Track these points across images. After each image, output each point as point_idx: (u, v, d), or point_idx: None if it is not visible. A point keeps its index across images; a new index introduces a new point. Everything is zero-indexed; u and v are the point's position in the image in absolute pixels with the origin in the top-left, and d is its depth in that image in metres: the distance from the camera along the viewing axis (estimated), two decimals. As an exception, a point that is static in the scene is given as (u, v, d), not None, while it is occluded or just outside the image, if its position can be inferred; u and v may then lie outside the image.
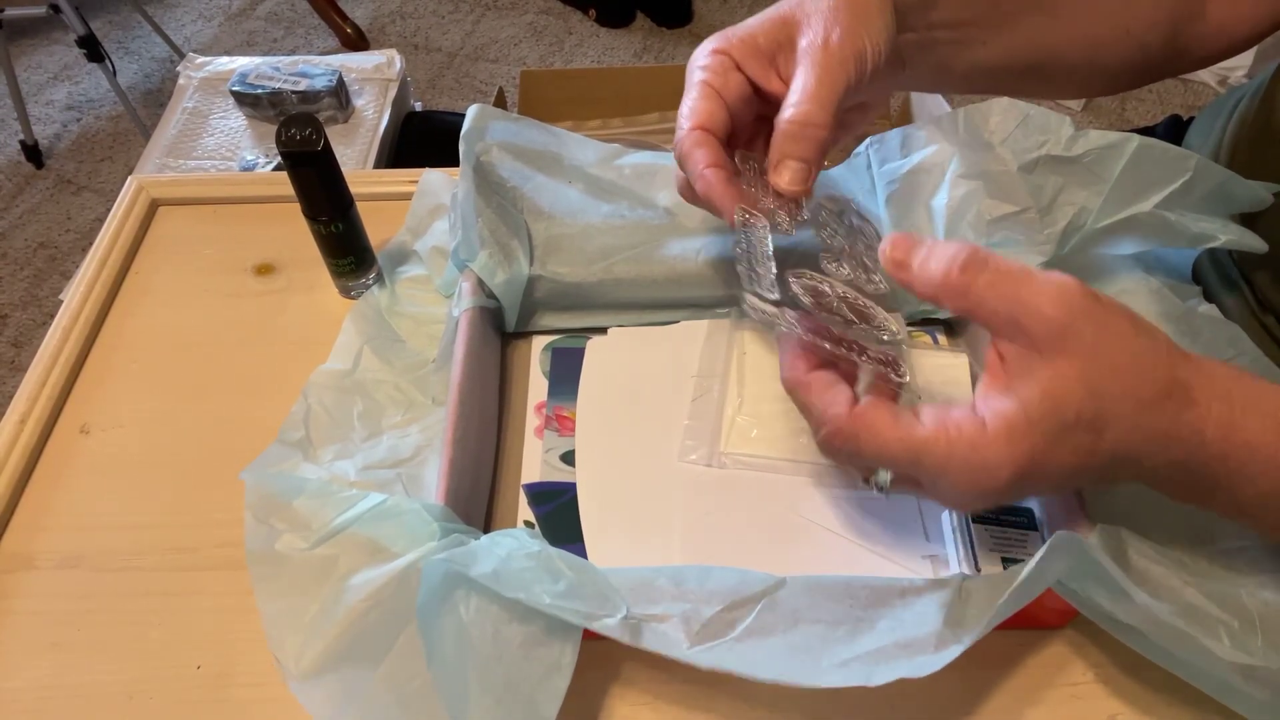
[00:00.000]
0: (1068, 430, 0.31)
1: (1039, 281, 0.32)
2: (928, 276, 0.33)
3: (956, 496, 0.33)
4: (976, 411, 0.32)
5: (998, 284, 0.32)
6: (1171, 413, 0.32)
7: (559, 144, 0.53)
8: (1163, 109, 1.84)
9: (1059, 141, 0.46)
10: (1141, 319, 0.33)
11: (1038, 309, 0.31)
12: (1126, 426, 0.31)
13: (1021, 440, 0.31)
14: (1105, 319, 0.32)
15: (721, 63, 0.40)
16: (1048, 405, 0.31)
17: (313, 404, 0.46)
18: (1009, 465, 0.31)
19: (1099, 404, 0.31)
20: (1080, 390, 0.31)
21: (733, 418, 0.46)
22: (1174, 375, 0.32)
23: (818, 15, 0.38)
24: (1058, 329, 0.31)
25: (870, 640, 0.34)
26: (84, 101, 1.94)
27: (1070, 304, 0.31)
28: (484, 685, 0.34)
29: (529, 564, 0.34)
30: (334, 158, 0.47)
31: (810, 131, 0.37)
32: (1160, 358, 0.32)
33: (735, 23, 0.41)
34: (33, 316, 1.56)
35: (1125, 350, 0.31)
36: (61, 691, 0.40)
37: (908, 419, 0.33)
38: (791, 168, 0.37)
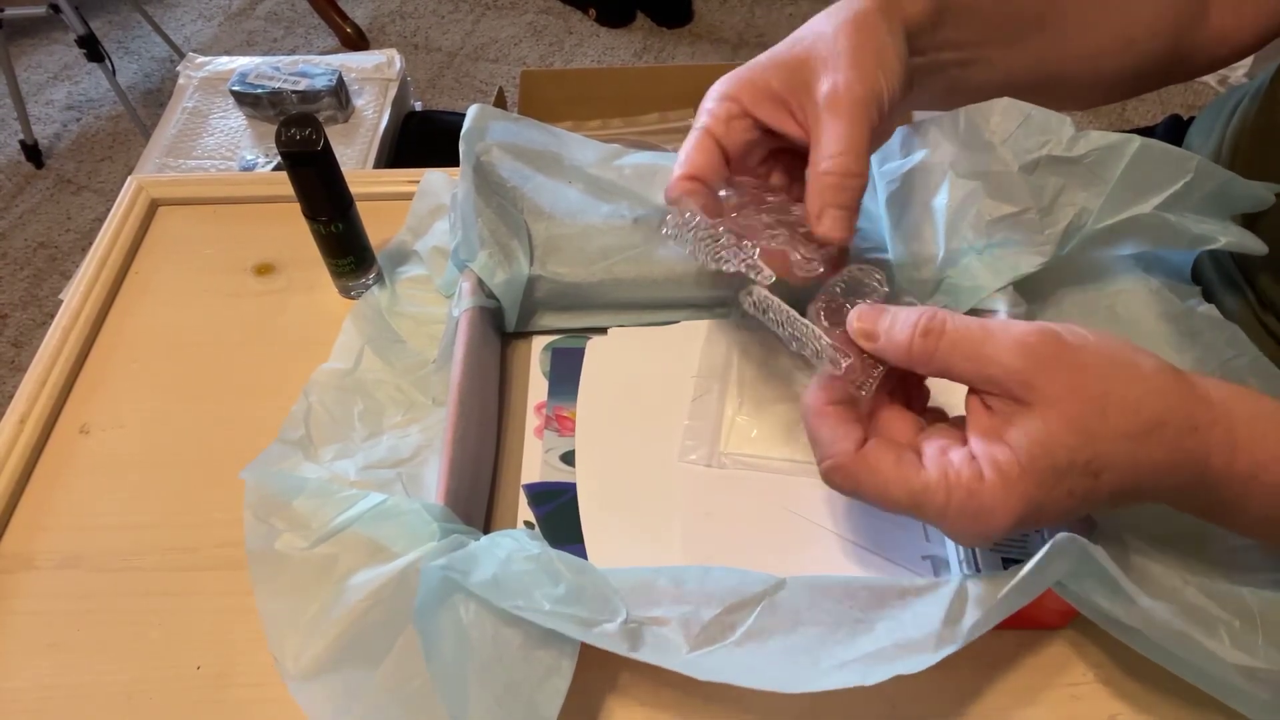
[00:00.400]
0: (1062, 475, 0.31)
1: (999, 336, 0.32)
2: (894, 345, 0.34)
3: (956, 537, 0.33)
4: (973, 454, 0.32)
5: (959, 345, 0.32)
6: (1169, 441, 0.31)
7: (559, 144, 0.53)
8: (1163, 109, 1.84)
9: (1060, 142, 0.46)
10: (1124, 345, 0.33)
11: (1002, 364, 0.31)
12: (1124, 465, 0.31)
13: (1017, 487, 0.31)
14: (1076, 359, 0.31)
15: (728, 109, 0.40)
16: (1038, 452, 0.30)
17: (313, 403, 0.46)
18: (1006, 513, 0.31)
19: (1092, 446, 0.30)
20: (1068, 435, 0.30)
21: (733, 418, 0.46)
22: (1167, 403, 0.31)
23: (834, 59, 0.38)
24: (1027, 380, 0.31)
25: (869, 642, 0.34)
26: (84, 101, 1.94)
27: (1034, 353, 0.31)
28: (484, 686, 0.34)
29: (528, 566, 0.34)
30: (334, 158, 0.47)
31: (849, 182, 0.38)
32: (1150, 386, 0.31)
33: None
34: (33, 316, 1.56)
35: (1107, 387, 0.31)
36: (61, 691, 0.40)
37: (910, 462, 0.33)
38: (834, 216, 0.38)
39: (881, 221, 0.52)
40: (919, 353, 0.33)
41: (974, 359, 0.32)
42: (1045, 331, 0.32)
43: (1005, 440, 0.31)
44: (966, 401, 0.34)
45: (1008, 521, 0.31)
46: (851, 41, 0.38)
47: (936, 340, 0.33)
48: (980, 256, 0.47)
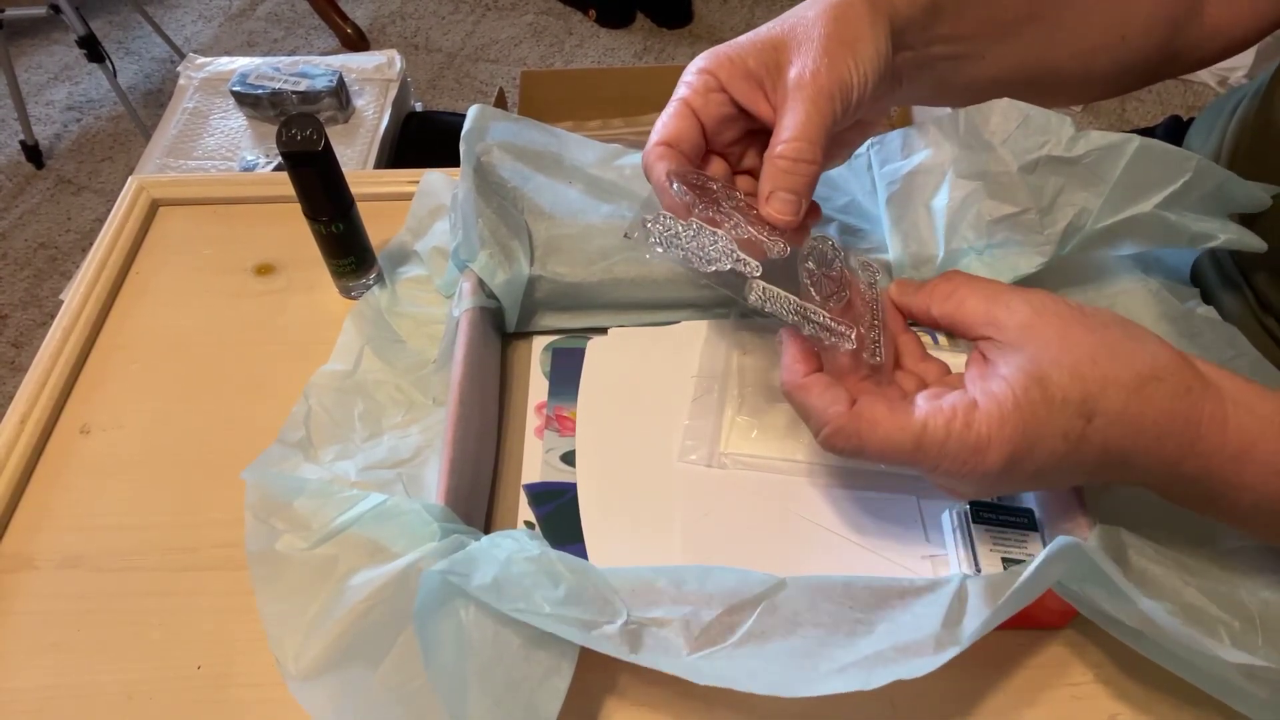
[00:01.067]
0: (1054, 409, 0.32)
1: (1007, 288, 0.37)
2: (922, 289, 0.38)
3: (954, 480, 0.34)
4: (967, 392, 0.34)
5: (974, 284, 0.37)
6: (1163, 397, 0.32)
7: (559, 144, 0.53)
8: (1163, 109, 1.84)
9: (1059, 142, 0.46)
10: (1123, 318, 0.35)
11: (1008, 304, 0.35)
12: (1116, 412, 0.32)
13: (1010, 415, 0.32)
14: (1074, 314, 0.34)
15: (705, 82, 0.40)
16: (1030, 381, 0.32)
17: (313, 404, 0.46)
18: (1000, 443, 0.32)
19: (1083, 386, 0.32)
20: (1061, 372, 0.32)
21: (733, 418, 0.46)
22: (1161, 361, 0.33)
23: (808, 44, 0.39)
24: (1027, 320, 0.34)
25: (868, 644, 0.34)
26: (84, 102, 1.94)
27: (1036, 302, 0.35)
28: (484, 687, 0.34)
29: (528, 568, 0.34)
30: (334, 158, 0.47)
31: (800, 167, 0.38)
32: (1144, 346, 0.34)
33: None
34: (33, 316, 1.56)
35: (1099, 338, 0.33)
36: (61, 691, 0.40)
37: (904, 408, 0.34)
38: (782, 199, 0.38)
39: (881, 222, 0.52)
40: (941, 287, 0.38)
41: (986, 297, 0.36)
42: (1048, 292, 0.36)
43: (998, 375, 0.33)
44: (968, 360, 0.36)
45: (1002, 453, 0.32)
46: (828, 29, 0.38)
47: (954, 279, 0.38)
48: (980, 257, 0.47)
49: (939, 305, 0.37)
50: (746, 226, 0.39)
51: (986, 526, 0.41)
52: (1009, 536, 0.41)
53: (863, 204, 0.54)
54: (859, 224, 0.53)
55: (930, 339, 0.50)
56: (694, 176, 0.40)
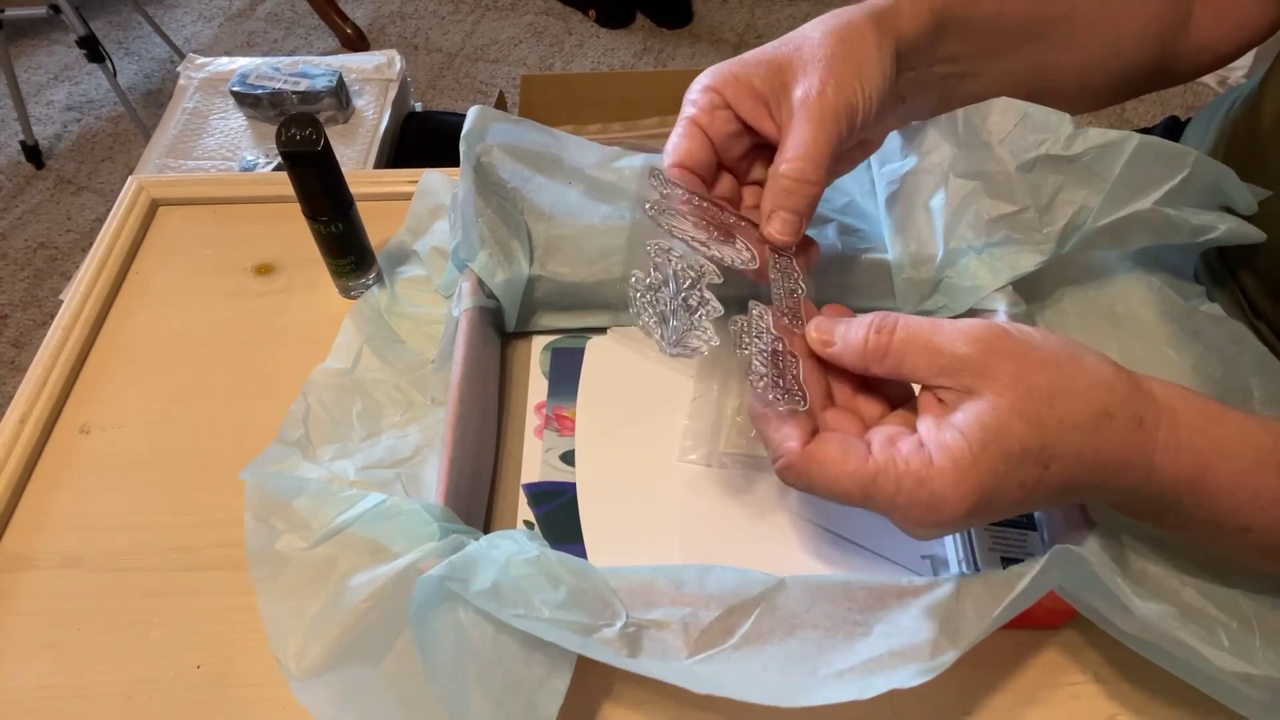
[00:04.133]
0: (1012, 462, 0.31)
1: (947, 329, 0.33)
2: (850, 346, 0.35)
3: (909, 527, 0.33)
4: (922, 442, 0.32)
5: (911, 339, 0.34)
6: (1117, 434, 0.31)
7: (559, 145, 0.53)
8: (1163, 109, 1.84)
9: (1058, 140, 0.46)
10: (1069, 341, 0.33)
11: (953, 353, 0.32)
12: (1072, 456, 0.31)
13: (968, 473, 0.31)
14: (1023, 350, 0.32)
15: (711, 100, 0.40)
16: (988, 437, 0.31)
17: (312, 403, 0.46)
18: (957, 501, 0.31)
19: (1042, 435, 0.31)
20: (1018, 423, 0.31)
21: (732, 417, 0.46)
22: (1113, 395, 0.32)
23: (814, 65, 0.39)
24: (978, 367, 0.32)
25: (866, 648, 0.34)
26: (84, 102, 1.94)
27: (983, 342, 0.32)
28: (484, 687, 0.34)
29: (528, 570, 0.34)
30: (334, 158, 0.47)
31: (802, 188, 0.38)
32: (1095, 379, 0.32)
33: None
34: (33, 316, 1.56)
35: (1052, 376, 0.32)
36: (61, 691, 0.40)
37: (858, 451, 0.33)
38: (783, 218, 0.39)
39: (881, 222, 0.52)
40: (874, 348, 0.34)
41: (926, 350, 0.33)
42: (991, 325, 0.33)
43: (957, 428, 0.31)
44: (919, 399, 0.35)
45: (960, 510, 0.31)
46: (835, 50, 0.39)
47: (890, 335, 0.34)
48: (979, 256, 0.47)
49: (877, 366, 0.35)
50: (739, 233, 0.39)
51: (986, 527, 0.41)
52: (1008, 536, 0.41)
53: (861, 204, 0.54)
54: (858, 224, 0.53)
55: None
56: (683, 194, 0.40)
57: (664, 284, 0.39)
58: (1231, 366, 0.46)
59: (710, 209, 0.40)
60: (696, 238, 0.39)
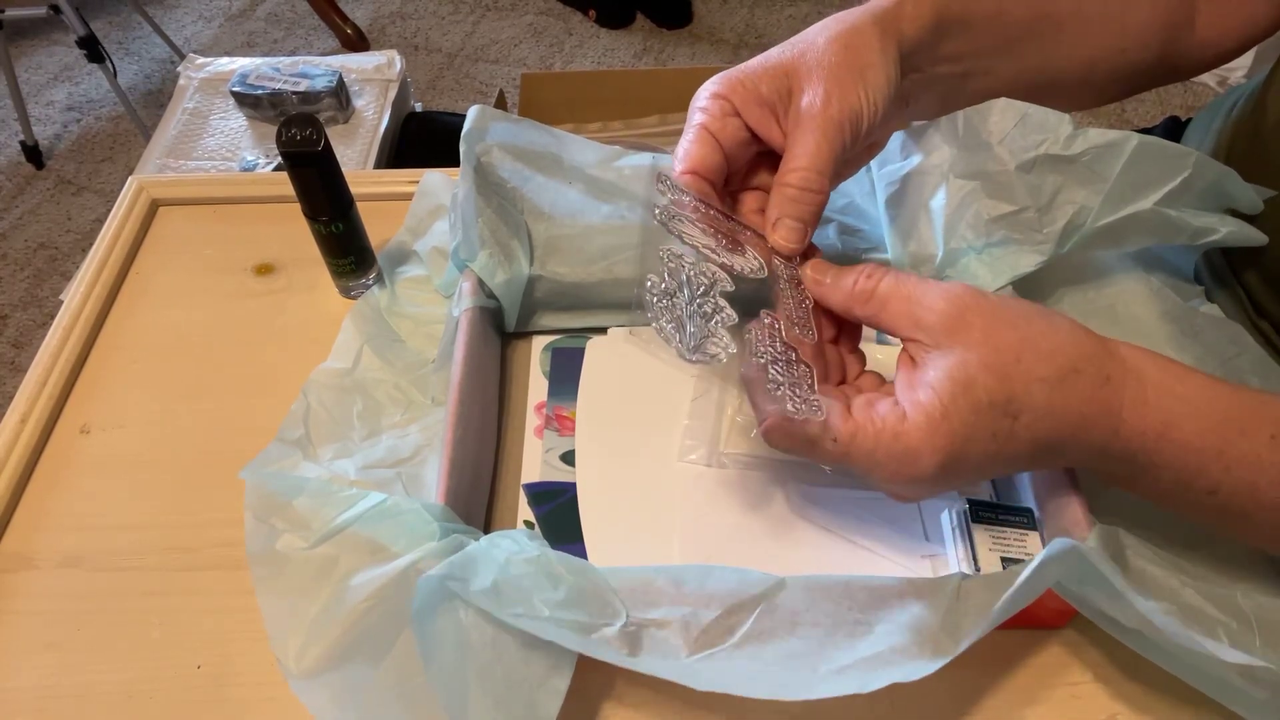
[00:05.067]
0: (981, 414, 0.32)
1: (931, 284, 0.36)
2: (840, 286, 0.38)
3: (889, 486, 0.35)
4: (897, 401, 0.34)
5: (896, 288, 0.36)
6: (1084, 389, 0.33)
7: (559, 145, 0.53)
8: (1163, 110, 1.84)
9: (1057, 140, 0.46)
10: (1041, 307, 0.35)
11: (930, 306, 0.35)
12: (1041, 408, 0.33)
13: (939, 424, 0.32)
14: (996, 310, 0.34)
15: (721, 107, 0.40)
16: (956, 389, 0.33)
17: (312, 402, 0.46)
18: (931, 453, 0.33)
19: (1008, 387, 0.33)
20: (985, 375, 0.33)
21: (732, 417, 0.46)
22: (1081, 352, 0.34)
23: (818, 72, 0.39)
24: (950, 322, 0.34)
25: (867, 645, 0.34)
26: (84, 102, 1.94)
27: (958, 300, 0.35)
28: (484, 687, 0.34)
29: (528, 570, 0.34)
30: (334, 158, 0.47)
31: (808, 196, 0.38)
32: (1064, 338, 0.34)
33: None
34: (33, 316, 1.56)
35: (1021, 334, 0.34)
36: (61, 691, 0.40)
37: (837, 412, 0.34)
38: (789, 226, 0.39)
39: (881, 222, 0.52)
40: (860, 290, 0.37)
41: (906, 300, 0.35)
42: (969, 287, 0.36)
43: (926, 383, 0.33)
44: (898, 360, 0.36)
45: (934, 461, 0.33)
46: (839, 57, 0.39)
47: (877, 281, 0.36)
48: (979, 256, 0.47)
49: (860, 308, 0.37)
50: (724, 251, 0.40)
51: (985, 526, 0.41)
52: (1008, 536, 0.41)
53: (861, 205, 0.54)
54: (858, 224, 0.53)
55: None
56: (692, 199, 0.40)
57: (678, 290, 0.39)
58: (1230, 367, 0.46)
59: (717, 217, 0.40)
60: (706, 245, 0.39)
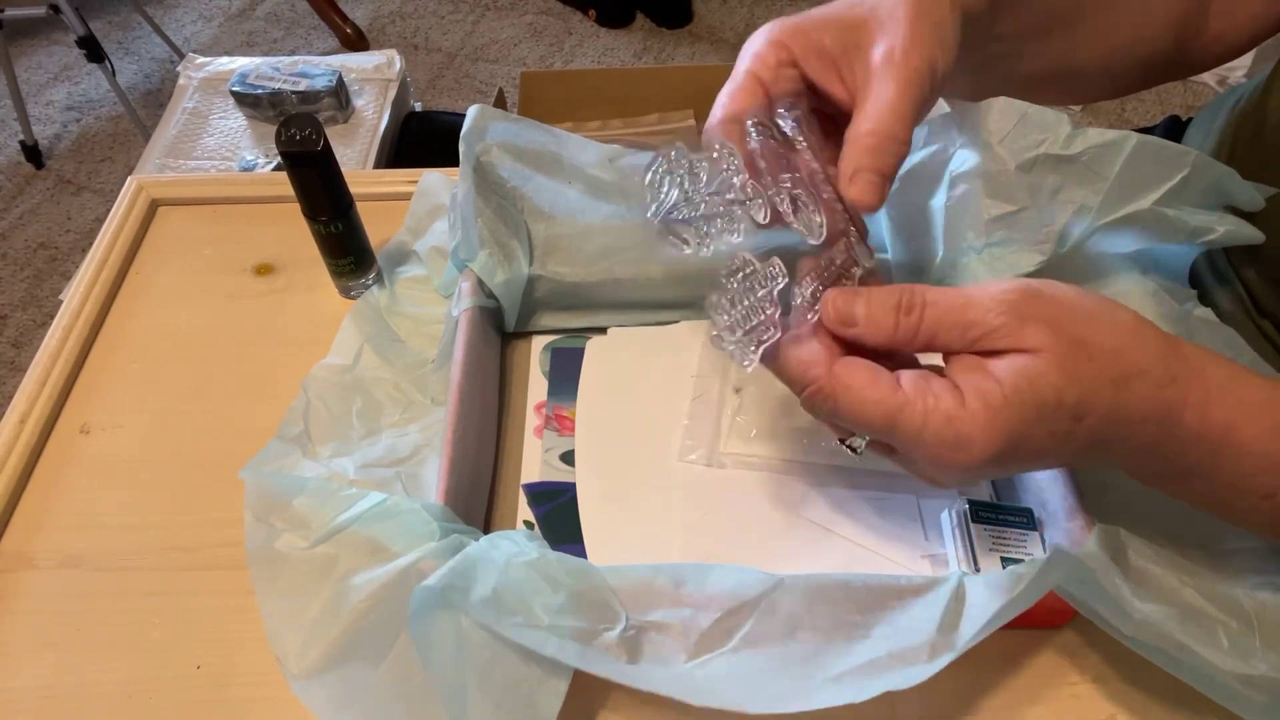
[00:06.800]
0: (1046, 412, 0.31)
1: (978, 299, 0.32)
2: (877, 328, 0.34)
3: (930, 468, 0.33)
4: (955, 384, 0.32)
5: (943, 317, 0.33)
6: (1149, 390, 0.32)
7: (559, 144, 0.53)
8: (1162, 109, 1.84)
9: (1057, 140, 0.46)
10: (1102, 299, 0.33)
11: (987, 324, 0.32)
12: (1106, 410, 0.32)
13: (998, 417, 0.31)
14: (1057, 309, 0.32)
15: (777, 56, 0.38)
16: (1023, 383, 0.31)
17: (312, 399, 0.46)
18: (985, 443, 0.31)
19: (1079, 388, 0.31)
20: (1057, 375, 0.31)
21: (732, 417, 0.46)
22: (1147, 352, 0.32)
23: (894, 24, 0.37)
24: (1013, 335, 0.31)
25: (865, 650, 0.34)
26: (84, 102, 1.94)
27: (1015, 309, 0.32)
28: (484, 687, 0.34)
29: (527, 574, 0.34)
30: (334, 158, 0.47)
31: (890, 145, 0.35)
32: (1130, 336, 0.32)
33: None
34: (33, 316, 1.56)
35: (1089, 333, 0.32)
36: (61, 691, 0.40)
37: (888, 381, 0.32)
38: (868, 179, 0.36)
39: (881, 222, 0.52)
40: (904, 331, 0.33)
41: (958, 325, 0.32)
42: (1022, 288, 0.32)
43: (991, 373, 0.31)
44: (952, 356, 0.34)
45: (986, 453, 0.31)
46: (914, 11, 0.37)
47: (919, 315, 0.33)
48: (980, 256, 0.47)
49: (907, 346, 0.34)
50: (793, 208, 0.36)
51: (986, 526, 0.41)
52: (1008, 536, 0.41)
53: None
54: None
55: None
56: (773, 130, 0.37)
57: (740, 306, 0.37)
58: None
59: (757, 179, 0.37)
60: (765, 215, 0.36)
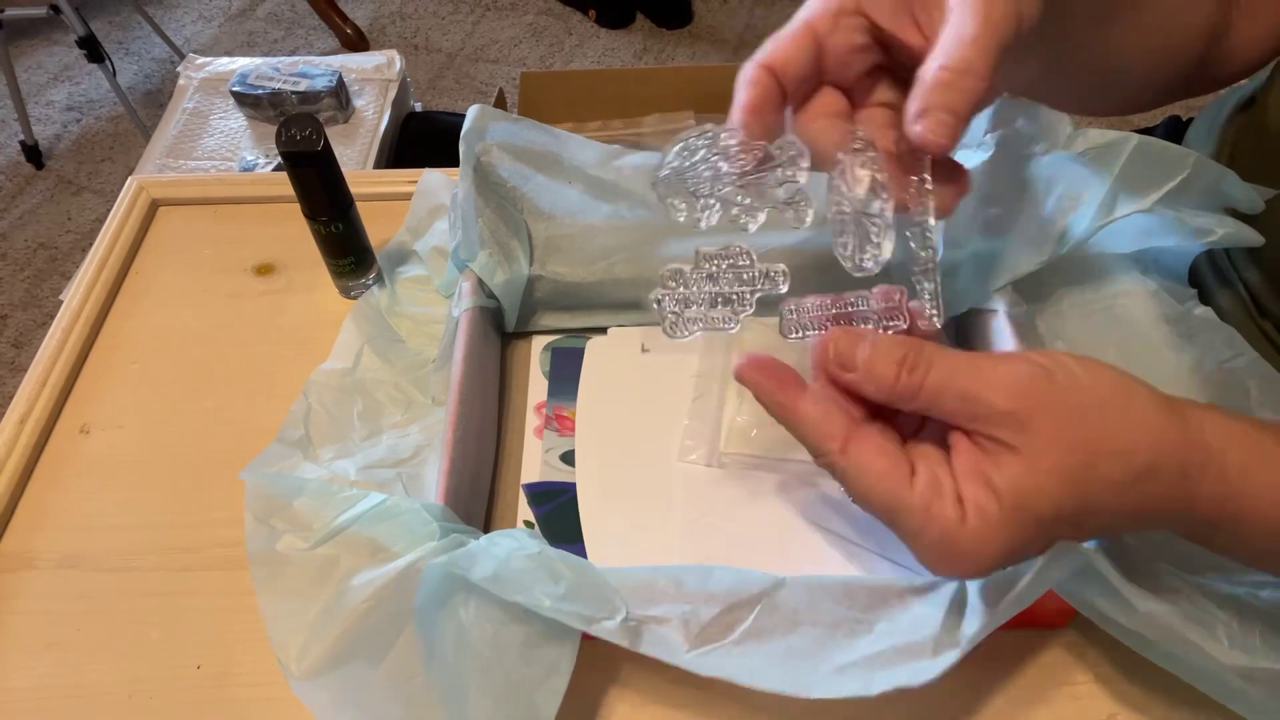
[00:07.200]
0: (1045, 525, 0.30)
1: (986, 375, 0.30)
2: (875, 380, 0.32)
3: (924, 562, 0.32)
4: (960, 496, 0.30)
5: (946, 383, 0.31)
6: (1160, 487, 0.30)
7: (559, 144, 0.53)
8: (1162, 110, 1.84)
9: (1058, 140, 0.46)
10: (1117, 382, 0.31)
11: (990, 404, 0.30)
12: (1110, 511, 0.30)
13: (996, 535, 0.30)
14: (1066, 402, 0.30)
15: (840, 3, 0.33)
16: (1021, 501, 0.29)
17: (313, 403, 0.46)
18: (979, 558, 0.30)
19: (1078, 498, 0.30)
20: (1056, 487, 0.29)
21: (732, 418, 0.46)
22: (1160, 448, 0.30)
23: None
24: (1015, 424, 0.30)
25: (868, 644, 0.34)
26: (84, 102, 1.94)
27: (1023, 396, 0.30)
28: (483, 686, 0.34)
29: (528, 565, 0.34)
30: (334, 158, 0.47)
31: (967, 81, 0.30)
32: (1143, 430, 0.30)
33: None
34: (33, 316, 1.56)
35: (1098, 432, 0.30)
36: (61, 691, 0.40)
37: (900, 474, 0.31)
38: (939, 118, 0.31)
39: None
40: (903, 390, 0.31)
41: (961, 397, 0.30)
42: (1035, 372, 0.30)
43: (991, 485, 0.30)
44: (953, 437, 0.32)
45: (980, 566, 0.30)
46: None
47: (922, 376, 0.31)
48: (979, 256, 0.47)
49: (906, 405, 0.32)
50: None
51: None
52: (1008, 536, 0.41)
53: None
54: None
55: None
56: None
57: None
58: (1226, 369, 0.46)
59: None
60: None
